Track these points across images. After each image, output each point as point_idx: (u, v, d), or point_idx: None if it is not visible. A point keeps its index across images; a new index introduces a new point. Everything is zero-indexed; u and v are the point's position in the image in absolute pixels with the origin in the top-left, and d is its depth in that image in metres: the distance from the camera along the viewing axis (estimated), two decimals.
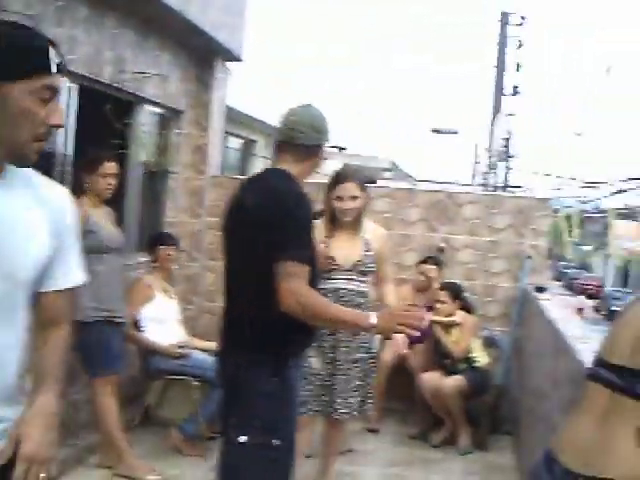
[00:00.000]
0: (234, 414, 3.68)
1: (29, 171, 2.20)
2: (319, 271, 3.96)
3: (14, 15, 5.11)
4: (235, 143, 13.52)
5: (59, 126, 2.14)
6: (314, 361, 5.22)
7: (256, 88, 13.00)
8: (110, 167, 5.81)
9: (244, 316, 3.67)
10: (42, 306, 2.28)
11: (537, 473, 2.62)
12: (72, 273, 2.36)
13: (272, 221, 3.51)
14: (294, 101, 3.91)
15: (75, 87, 6.31)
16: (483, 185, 22.73)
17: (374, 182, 16.87)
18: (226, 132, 11.28)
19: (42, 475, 2.14)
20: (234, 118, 11.67)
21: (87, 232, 5.62)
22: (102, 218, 5.84)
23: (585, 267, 54.50)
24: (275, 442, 3.58)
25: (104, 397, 5.75)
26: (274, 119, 3.92)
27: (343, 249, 5.37)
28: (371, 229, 5.61)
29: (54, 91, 2.12)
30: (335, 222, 5.42)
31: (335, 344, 5.34)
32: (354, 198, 5.35)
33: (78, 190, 5.90)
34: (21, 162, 2.16)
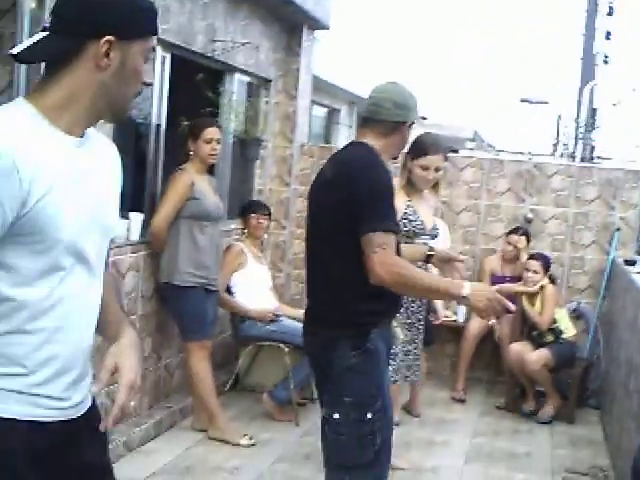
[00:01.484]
0: (325, 391, 3.74)
1: (92, 129, 2.24)
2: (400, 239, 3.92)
3: None
4: (319, 111, 13.56)
5: (150, 84, 2.26)
6: (398, 331, 5.19)
7: (340, 56, 12.94)
8: (213, 132, 5.90)
9: (321, 290, 3.72)
10: None
11: None
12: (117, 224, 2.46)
13: (354, 194, 3.52)
14: (379, 70, 3.93)
15: (168, 56, 6.40)
16: (571, 157, 22.34)
17: (456, 151, 16.78)
18: (311, 101, 11.33)
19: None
20: (318, 87, 11.70)
21: (191, 199, 5.73)
22: (206, 186, 5.92)
23: None
24: (368, 416, 3.61)
25: (199, 362, 5.86)
26: (357, 88, 3.95)
27: (424, 213, 5.39)
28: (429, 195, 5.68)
29: (152, 52, 2.22)
30: (411, 187, 5.43)
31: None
32: (438, 170, 5.40)
33: (181, 158, 6.02)
34: (119, 118, 2.25)
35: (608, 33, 25.55)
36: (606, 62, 25.75)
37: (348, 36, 11.70)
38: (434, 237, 5.40)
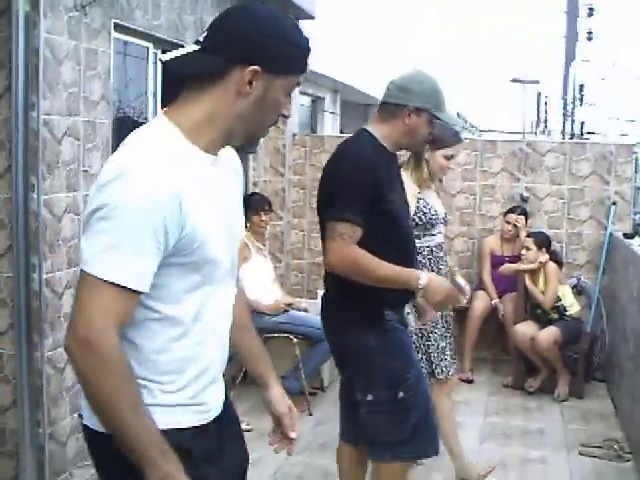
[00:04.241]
0: (354, 375, 3.79)
1: None
2: (408, 228, 3.90)
3: None
4: (304, 100, 13.53)
5: (288, 116, 2.24)
6: (410, 318, 5.01)
7: (322, 44, 12.90)
8: None
9: (332, 276, 3.71)
10: None
11: None
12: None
13: (330, 182, 3.62)
14: (362, 56, 3.87)
15: (159, 52, 6.36)
16: (562, 134, 22.42)
17: None
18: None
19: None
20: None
21: None
22: None
23: None
24: (400, 394, 3.67)
25: None
26: (340, 75, 3.89)
27: (434, 202, 5.16)
28: None
29: (296, 86, 2.22)
30: (422, 177, 5.08)
31: None
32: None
33: None
34: (251, 145, 2.27)
35: (591, 10, 25.58)
36: (590, 39, 25.79)
37: (329, 23, 11.65)
38: (446, 223, 5.31)
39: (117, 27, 5.50)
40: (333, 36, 12.98)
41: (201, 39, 2.12)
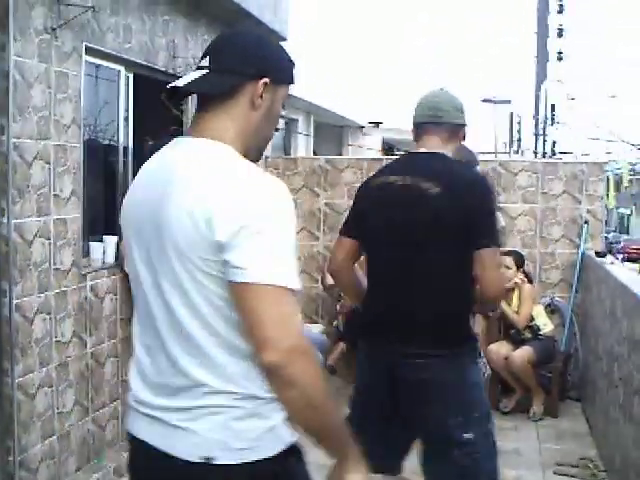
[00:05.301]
0: (454, 414, 3.44)
1: None
2: None
3: (73, 7, 5.16)
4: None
5: (278, 129, 2.34)
6: None
7: (296, 67, 12.91)
8: None
9: (436, 307, 3.45)
10: None
11: None
12: None
13: (473, 209, 3.37)
14: (334, 77, 3.86)
15: (131, 76, 6.36)
16: (534, 153, 22.54)
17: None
18: None
19: None
20: None
21: None
22: None
23: (624, 231, 53.68)
24: (491, 427, 3.55)
25: None
26: (313, 97, 3.88)
27: None
28: None
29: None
30: None
31: None
32: None
33: None
34: (258, 159, 2.32)
35: (560, 30, 25.83)
36: (560, 59, 26.04)
37: (302, 45, 11.69)
38: None
39: (88, 50, 5.49)
40: (306, 57, 13.02)
41: (206, 63, 2.22)
